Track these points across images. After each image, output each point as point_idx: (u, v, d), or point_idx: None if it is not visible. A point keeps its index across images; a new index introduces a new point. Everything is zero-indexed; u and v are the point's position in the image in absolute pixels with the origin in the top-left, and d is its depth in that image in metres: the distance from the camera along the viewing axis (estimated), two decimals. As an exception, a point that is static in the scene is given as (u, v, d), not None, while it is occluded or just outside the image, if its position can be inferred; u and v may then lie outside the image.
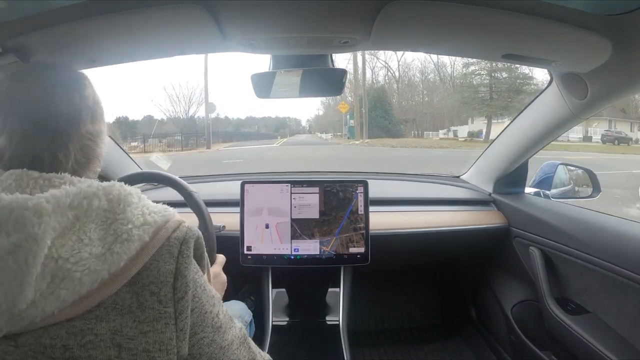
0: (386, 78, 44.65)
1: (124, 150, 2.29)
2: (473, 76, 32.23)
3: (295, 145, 36.18)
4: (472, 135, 34.03)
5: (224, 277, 1.41)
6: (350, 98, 37.05)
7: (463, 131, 36.90)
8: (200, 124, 40.29)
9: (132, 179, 1.59)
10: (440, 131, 40.57)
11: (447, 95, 38.69)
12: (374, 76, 43.39)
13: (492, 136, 26.13)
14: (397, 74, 43.83)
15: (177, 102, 46.32)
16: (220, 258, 1.46)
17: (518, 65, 23.13)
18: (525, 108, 1.92)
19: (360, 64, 37.08)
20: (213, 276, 1.38)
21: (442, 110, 39.35)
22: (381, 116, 37.51)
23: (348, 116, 36.79)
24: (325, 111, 58.47)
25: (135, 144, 32.20)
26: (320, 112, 63.27)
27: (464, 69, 33.80)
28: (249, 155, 21.61)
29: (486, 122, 31.66)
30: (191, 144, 32.63)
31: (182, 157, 21.29)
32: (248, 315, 1.82)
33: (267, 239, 1.91)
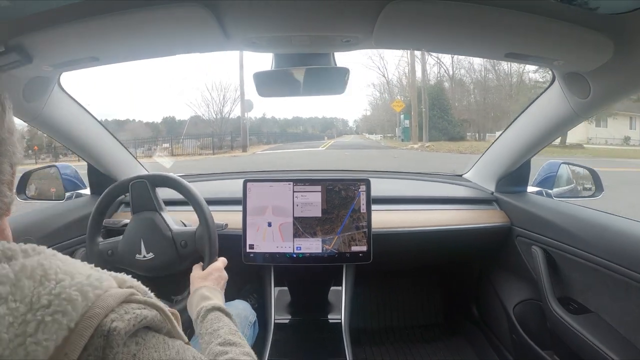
0: (438, 75, 39.50)
1: (129, 152, 2.30)
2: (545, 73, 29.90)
3: (343, 149, 30.11)
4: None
5: (225, 273, 1.43)
6: (399, 97, 34.48)
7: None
8: (238, 124, 34.27)
9: (146, 179, 1.61)
10: (496, 133, 37.95)
11: (507, 94, 35.19)
12: (424, 73, 37.20)
13: (569, 140, 24.41)
14: (450, 70, 38.63)
15: (210, 101, 40.64)
16: (222, 259, 1.49)
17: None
18: (527, 107, 1.92)
19: (419, 60, 33.10)
20: (214, 269, 1.40)
21: (502, 110, 34.73)
22: (439, 116, 32.60)
23: (402, 116, 32.58)
24: (373, 111, 54.81)
25: (166, 145, 30.72)
26: (368, 113, 58.85)
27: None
28: (287, 163, 17.10)
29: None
30: (225, 146, 30.13)
31: (201, 164, 19.40)
32: (252, 315, 1.83)
33: (269, 238, 1.91)
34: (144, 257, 1.52)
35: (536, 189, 2.27)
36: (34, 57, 1.20)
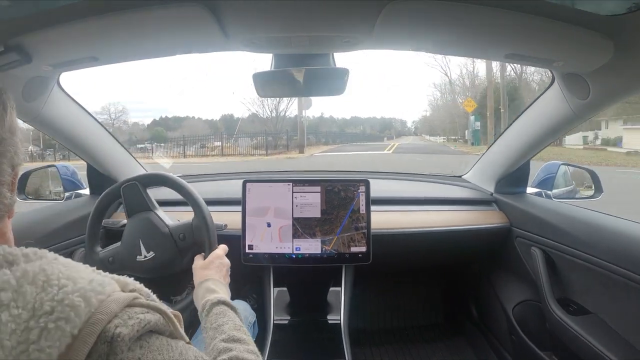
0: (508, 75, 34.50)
1: (127, 151, 2.30)
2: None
3: (414, 152, 26.62)
4: (607, 143, 28.35)
5: (227, 260, 1.43)
6: (469, 94, 31.85)
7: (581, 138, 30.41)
8: (295, 123, 32.77)
9: (136, 181, 1.60)
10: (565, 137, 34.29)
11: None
12: (502, 71, 31.90)
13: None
14: (518, 69, 34.18)
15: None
16: (223, 246, 1.48)
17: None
18: (527, 108, 1.92)
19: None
20: (215, 257, 1.40)
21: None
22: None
23: (472, 117, 29.14)
24: (432, 112, 52.24)
25: (217, 143, 29.20)
26: (427, 113, 56.49)
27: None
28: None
29: (628, 126, 26.45)
30: (281, 145, 27.63)
31: (251, 165, 17.41)
32: (252, 316, 1.83)
33: (268, 238, 1.91)
34: (145, 257, 1.51)
35: (535, 190, 2.27)
36: (33, 56, 1.19)
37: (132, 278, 0.71)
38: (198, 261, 1.41)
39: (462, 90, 34.63)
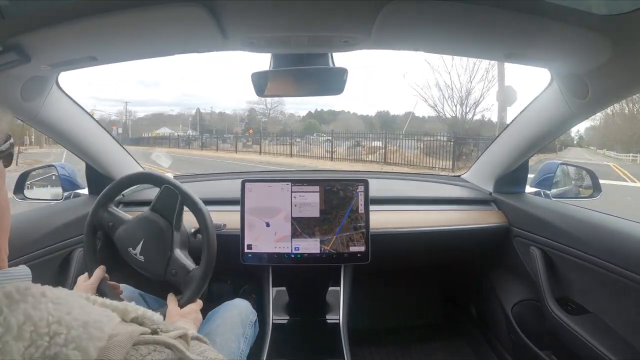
0: None
1: (124, 149, 2.30)
2: None
3: None
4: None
5: (200, 316, 1.43)
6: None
7: None
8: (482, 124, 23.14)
9: (131, 180, 1.60)
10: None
11: None
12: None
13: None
14: None
15: (446, 87, 22.64)
16: (199, 302, 1.47)
17: None
18: (525, 107, 1.92)
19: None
20: (193, 311, 1.40)
21: None
22: None
23: None
24: (605, 120, 40.83)
25: (377, 144, 21.75)
26: (596, 122, 43.67)
27: None
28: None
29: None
30: (464, 153, 17.97)
31: None
32: (253, 314, 1.82)
33: (267, 238, 1.91)
34: (135, 255, 1.51)
35: (534, 189, 2.28)
36: (32, 56, 1.20)
37: (133, 302, 0.67)
38: (173, 305, 1.41)
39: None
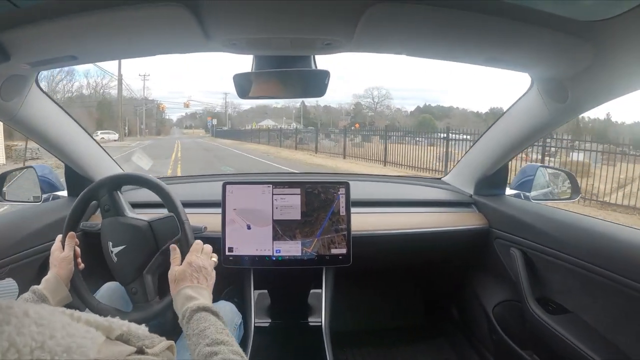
0: None
1: (105, 151, 2.27)
2: None
3: None
4: None
5: (202, 262, 1.32)
6: None
7: None
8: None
9: (113, 182, 1.58)
10: None
11: None
12: None
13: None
14: None
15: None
16: (196, 246, 1.38)
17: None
18: (506, 111, 1.94)
19: None
20: (187, 265, 1.30)
21: None
22: None
23: None
24: None
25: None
26: None
27: None
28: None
29: None
30: None
31: None
32: (237, 317, 1.80)
33: (248, 240, 1.90)
34: (111, 252, 1.49)
35: (514, 191, 2.30)
36: (11, 54, 1.18)
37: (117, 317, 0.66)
38: (173, 269, 1.32)
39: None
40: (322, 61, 1.42)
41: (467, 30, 1.13)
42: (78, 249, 1.49)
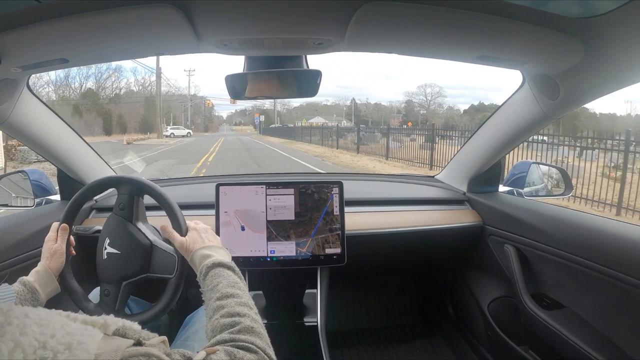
0: None
1: (96, 153, 2.26)
2: None
3: None
4: None
5: (202, 225, 1.37)
6: None
7: None
8: None
9: (103, 184, 1.56)
10: None
11: None
12: None
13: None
14: None
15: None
16: (191, 224, 1.39)
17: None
18: (498, 108, 1.95)
19: None
20: (190, 236, 1.32)
21: None
22: None
23: None
24: None
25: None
26: None
27: None
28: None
29: None
30: None
31: None
32: None
33: (242, 242, 1.90)
34: (104, 251, 1.45)
35: (507, 188, 2.31)
36: (2, 58, 1.17)
37: (112, 315, 0.68)
38: (176, 239, 1.32)
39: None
40: (323, 61, 1.42)
41: (458, 29, 1.14)
42: (72, 239, 1.48)
